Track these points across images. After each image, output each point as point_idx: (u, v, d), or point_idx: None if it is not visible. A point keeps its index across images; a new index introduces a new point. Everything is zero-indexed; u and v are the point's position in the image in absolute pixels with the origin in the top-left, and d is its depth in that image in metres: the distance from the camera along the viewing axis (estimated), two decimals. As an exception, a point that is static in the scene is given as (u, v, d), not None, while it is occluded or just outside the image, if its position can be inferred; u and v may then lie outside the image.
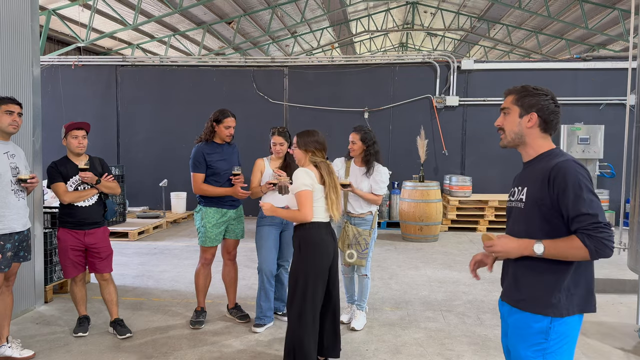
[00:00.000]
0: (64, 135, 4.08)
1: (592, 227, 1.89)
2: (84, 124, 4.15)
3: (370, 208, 4.37)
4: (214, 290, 5.33)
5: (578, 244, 1.91)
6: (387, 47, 30.15)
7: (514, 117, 2.17)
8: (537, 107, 2.10)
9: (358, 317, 4.45)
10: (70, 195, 4.02)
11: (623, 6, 15.52)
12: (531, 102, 2.11)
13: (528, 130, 2.13)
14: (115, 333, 4.19)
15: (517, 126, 2.16)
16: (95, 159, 4.25)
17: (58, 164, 4.07)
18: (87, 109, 10.98)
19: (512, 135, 2.18)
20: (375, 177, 4.32)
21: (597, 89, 9.97)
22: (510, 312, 2.14)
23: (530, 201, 2.06)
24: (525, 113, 2.13)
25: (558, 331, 2.00)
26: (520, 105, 2.14)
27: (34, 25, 4.88)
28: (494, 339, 4.20)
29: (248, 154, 4.73)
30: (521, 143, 2.18)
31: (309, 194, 3.30)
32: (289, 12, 19.06)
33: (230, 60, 11.27)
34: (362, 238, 4.26)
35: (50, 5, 13.42)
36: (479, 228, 9.30)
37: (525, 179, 2.15)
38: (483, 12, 20.86)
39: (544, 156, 2.11)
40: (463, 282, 5.96)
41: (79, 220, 4.06)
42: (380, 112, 10.54)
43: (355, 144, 4.32)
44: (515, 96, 2.17)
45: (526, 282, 2.06)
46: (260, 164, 4.42)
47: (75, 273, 4.14)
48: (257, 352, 3.91)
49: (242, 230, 4.56)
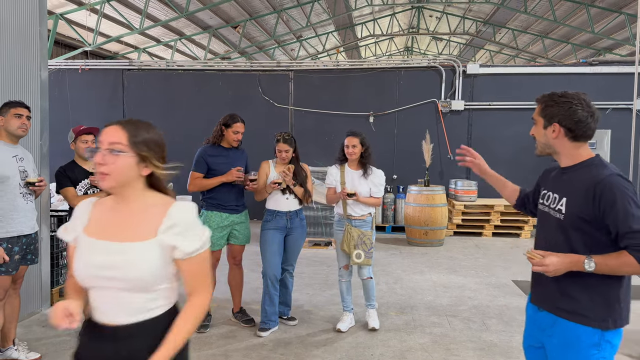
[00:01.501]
0: (72, 140, 4.08)
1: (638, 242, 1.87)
2: (93, 129, 4.15)
3: (369, 210, 4.46)
4: (219, 294, 5.33)
5: (631, 260, 1.88)
6: (392, 52, 30.17)
7: (539, 128, 2.13)
8: (559, 117, 2.03)
9: (373, 317, 4.54)
10: (80, 200, 3.99)
11: (629, 10, 15.48)
12: (553, 112, 2.05)
13: (555, 141, 2.07)
14: None
15: (544, 137, 2.11)
16: None
17: (66, 169, 4.05)
18: (94, 112, 11.04)
19: (542, 146, 2.14)
20: (374, 180, 4.39)
21: (603, 94, 9.93)
22: (556, 322, 2.07)
23: (571, 214, 2.01)
24: (549, 124, 2.07)
25: (608, 342, 2.00)
26: (543, 116, 2.09)
27: (42, 29, 4.92)
28: (500, 345, 4.18)
29: (253, 157, 4.74)
30: (553, 152, 2.13)
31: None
32: (295, 16, 19.12)
33: (236, 64, 11.31)
34: (367, 238, 4.36)
35: (57, 10, 13.53)
36: (484, 233, 9.26)
37: (563, 187, 2.08)
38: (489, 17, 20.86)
39: (583, 165, 2.05)
40: (468, 287, 5.94)
41: None
42: (385, 116, 10.54)
43: (355, 147, 4.35)
44: (540, 106, 2.12)
45: (577, 294, 2.01)
46: (265, 166, 4.43)
47: None
48: (262, 356, 3.91)
49: (247, 236, 4.52)
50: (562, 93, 2.06)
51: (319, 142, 10.61)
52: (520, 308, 5.07)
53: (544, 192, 2.21)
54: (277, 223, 4.36)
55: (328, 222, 8.07)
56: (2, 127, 3.59)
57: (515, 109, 10.14)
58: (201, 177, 4.32)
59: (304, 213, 4.60)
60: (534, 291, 2.21)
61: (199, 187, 4.32)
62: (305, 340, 4.25)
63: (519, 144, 9.75)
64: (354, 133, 4.41)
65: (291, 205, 4.38)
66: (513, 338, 4.33)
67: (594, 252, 1.95)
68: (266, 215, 4.42)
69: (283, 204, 4.36)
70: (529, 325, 2.27)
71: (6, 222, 3.48)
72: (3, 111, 3.58)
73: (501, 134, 10.10)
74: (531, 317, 2.24)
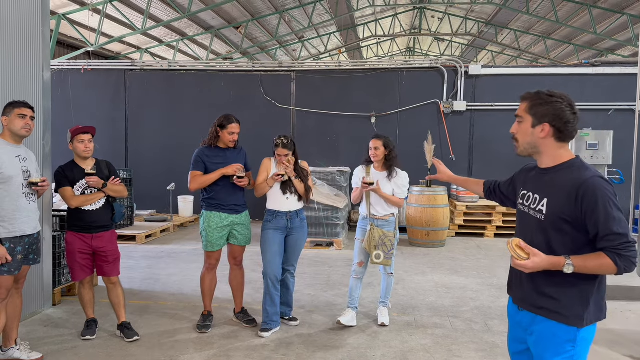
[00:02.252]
0: (70, 140, 4.11)
1: (623, 247, 1.90)
2: (89, 128, 4.17)
3: (392, 210, 4.59)
4: (220, 295, 5.34)
5: (608, 262, 1.91)
6: (394, 52, 30.17)
7: (526, 126, 2.08)
8: (550, 116, 2.01)
9: (384, 313, 4.68)
10: (77, 200, 4.05)
11: (632, 11, 15.46)
12: (544, 111, 2.02)
13: (542, 140, 2.05)
14: (123, 336, 4.21)
15: (530, 136, 2.07)
16: (102, 162, 4.27)
17: (65, 169, 4.09)
18: (96, 113, 11.06)
19: (525, 146, 2.11)
20: (397, 182, 4.56)
21: (606, 95, 9.91)
22: (535, 320, 2.11)
23: (552, 215, 2.02)
24: (538, 123, 2.04)
25: (583, 338, 2.02)
26: (533, 114, 2.05)
27: (45, 30, 4.93)
28: (502, 346, 4.18)
29: (255, 158, 4.74)
30: (536, 152, 2.11)
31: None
32: (297, 17, 19.14)
33: (238, 64, 11.32)
34: (388, 239, 4.47)
35: (60, 10, 13.56)
36: (486, 234, 9.25)
37: (543, 188, 2.08)
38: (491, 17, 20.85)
39: (564, 167, 2.05)
40: (470, 288, 5.93)
41: (87, 224, 4.09)
42: (387, 117, 10.54)
43: (378, 150, 4.53)
44: (528, 104, 2.08)
45: (554, 292, 2.04)
46: (267, 163, 4.44)
47: (83, 276, 4.17)
48: (264, 356, 3.91)
49: (248, 236, 4.51)
50: (549, 92, 2.04)
51: (320, 142, 10.61)
52: (522, 309, 5.06)
53: (524, 192, 2.21)
54: (277, 223, 4.36)
55: (329, 223, 8.07)
56: (5, 127, 3.59)
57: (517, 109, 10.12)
58: (201, 174, 4.32)
59: (305, 213, 4.61)
60: (514, 292, 2.24)
61: (200, 183, 4.31)
62: (307, 340, 4.25)
63: (521, 145, 9.72)
64: (377, 136, 4.62)
65: (291, 205, 4.38)
66: (515, 339, 4.32)
67: (573, 253, 1.97)
68: (266, 215, 4.42)
69: (283, 204, 4.37)
70: (512, 328, 2.29)
71: (9, 222, 3.48)
72: (7, 111, 3.58)
73: (503, 135, 10.05)
74: (513, 317, 2.27)
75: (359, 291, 4.68)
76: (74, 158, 4.16)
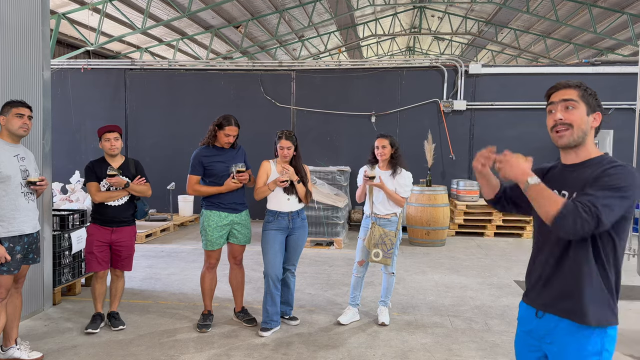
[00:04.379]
0: (99, 139, 4.35)
1: (585, 206, 1.76)
2: (114, 127, 4.39)
3: (394, 209, 4.62)
4: (220, 294, 5.34)
5: (559, 200, 1.79)
6: (394, 51, 30.16)
7: (581, 113, 1.95)
8: (601, 107, 1.97)
9: (384, 313, 4.68)
10: (101, 195, 4.26)
11: (632, 10, 15.45)
12: (595, 101, 1.96)
13: (591, 130, 1.97)
14: (110, 325, 4.41)
15: (586, 124, 1.96)
16: (130, 161, 4.45)
17: (95, 164, 4.32)
18: (96, 112, 11.06)
19: (580, 133, 1.95)
20: (400, 181, 4.58)
21: (606, 94, 9.91)
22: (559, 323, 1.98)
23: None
24: (592, 111, 1.96)
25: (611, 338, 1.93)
26: (586, 102, 1.96)
27: (45, 29, 4.93)
28: (502, 345, 4.18)
29: (255, 157, 4.74)
30: (581, 143, 1.97)
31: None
32: (297, 16, 19.13)
33: (238, 64, 11.32)
34: (388, 238, 4.51)
35: (60, 9, 13.55)
36: (486, 233, 9.25)
37: (573, 184, 1.96)
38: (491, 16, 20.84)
39: (594, 161, 1.94)
40: (470, 287, 5.93)
41: (109, 218, 4.31)
42: (387, 116, 10.53)
43: (385, 148, 4.58)
44: (579, 92, 1.97)
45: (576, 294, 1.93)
46: (266, 165, 4.43)
47: (98, 269, 4.34)
48: (264, 356, 3.91)
49: (247, 236, 4.51)
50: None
51: (320, 142, 10.61)
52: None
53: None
54: (278, 224, 4.36)
55: (330, 222, 8.06)
56: (3, 127, 3.59)
57: (517, 109, 10.13)
58: (198, 180, 4.38)
59: (305, 213, 4.61)
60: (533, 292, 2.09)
61: (197, 192, 4.40)
62: (308, 340, 4.25)
63: (522, 144, 9.72)
64: (384, 135, 4.66)
65: (292, 205, 4.38)
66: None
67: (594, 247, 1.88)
68: (267, 215, 4.42)
69: (284, 205, 4.37)
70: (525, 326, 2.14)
71: (8, 221, 3.48)
72: (4, 111, 3.58)
73: (503, 134, 10.09)
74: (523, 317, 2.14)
75: (361, 289, 4.74)
76: (104, 155, 4.36)
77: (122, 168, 4.32)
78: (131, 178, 4.34)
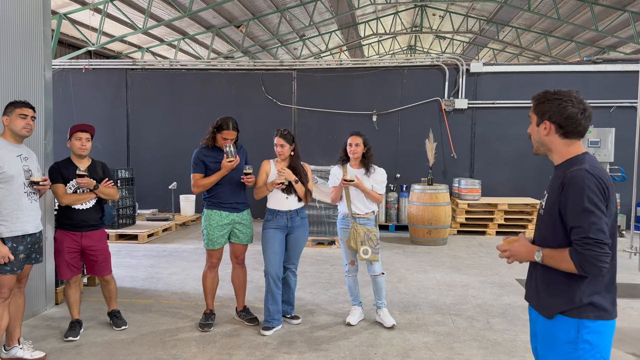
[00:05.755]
0: (69, 137, 4.16)
1: (581, 243, 1.87)
2: (88, 127, 4.21)
3: (372, 207, 4.58)
4: (222, 293, 5.35)
5: (568, 257, 1.90)
6: (395, 50, 30.12)
7: (533, 125, 2.14)
8: (549, 113, 2.04)
9: (386, 315, 4.58)
10: (68, 198, 4.11)
11: (634, 8, 15.41)
12: (544, 109, 2.06)
13: (547, 138, 2.08)
14: (112, 325, 4.40)
15: (537, 134, 2.12)
16: (97, 163, 4.31)
17: (60, 165, 4.15)
18: (98, 112, 11.08)
19: (536, 144, 2.15)
20: (376, 178, 4.54)
21: (607, 92, 9.90)
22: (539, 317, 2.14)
23: (547, 208, 2.06)
24: (541, 121, 2.09)
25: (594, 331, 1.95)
26: (536, 113, 2.11)
27: (46, 29, 4.93)
28: (504, 343, 4.18)
29: (256, 156, 4.75)
30: (547, 151, 2.13)
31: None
32: (298, 15, 19.12)
33: (239, 63, 11.33)
34: (372, 234, 4.47)
35: (61, 10, 13.57)
36: (488, 232, 9.25)
37: (550, 185, 2.12)
38: (492, 15, 20.80)
39: (567, 163, 2.05)
40: (472, 285, 5.93)
41: (76, 222, 4.15)
42: (388, 115, 10.53)
43: (358, 147, 4.50)
44: (533, 103, 2.14)
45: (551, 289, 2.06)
46: (266, 165, 4.44)
47: (70, 275, 4.21)
48: (266, 355, 3.91)
49: (249, 235, 4.52)
50: (555, 90, 2.07)
51: (322, 141, 10.61)
52: (524, 307, 5.05)
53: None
54: (277, 222, 4.37)
55: (331, 221, 8.07)
56: (6, 127, 3.60)
57: (518, 107, 10.12)
58: (202, 177, 4.34)
59: (306, 212, 4.61)
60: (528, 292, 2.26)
61: (202, 187, 4.35)
62: (309, 339, 4.26)
63: (523, 143, 9.73)
64: (357, 133, 4.57)
65: (292, 204, 4.39)
66: (517, 337, 4.32)
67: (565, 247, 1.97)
68: (267, 214, 4.44)
69: (284, 204, 4.38)
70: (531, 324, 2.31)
71: (11, 221, 3.49)
72: (8, 111, 3.59)
73: (505, 133, 10.09)
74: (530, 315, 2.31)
75: (358, 287, 4.72)
76: (71, 156, 4.20)
77: (90, 170, 4.16)
78: (98, 180, 4.19)
